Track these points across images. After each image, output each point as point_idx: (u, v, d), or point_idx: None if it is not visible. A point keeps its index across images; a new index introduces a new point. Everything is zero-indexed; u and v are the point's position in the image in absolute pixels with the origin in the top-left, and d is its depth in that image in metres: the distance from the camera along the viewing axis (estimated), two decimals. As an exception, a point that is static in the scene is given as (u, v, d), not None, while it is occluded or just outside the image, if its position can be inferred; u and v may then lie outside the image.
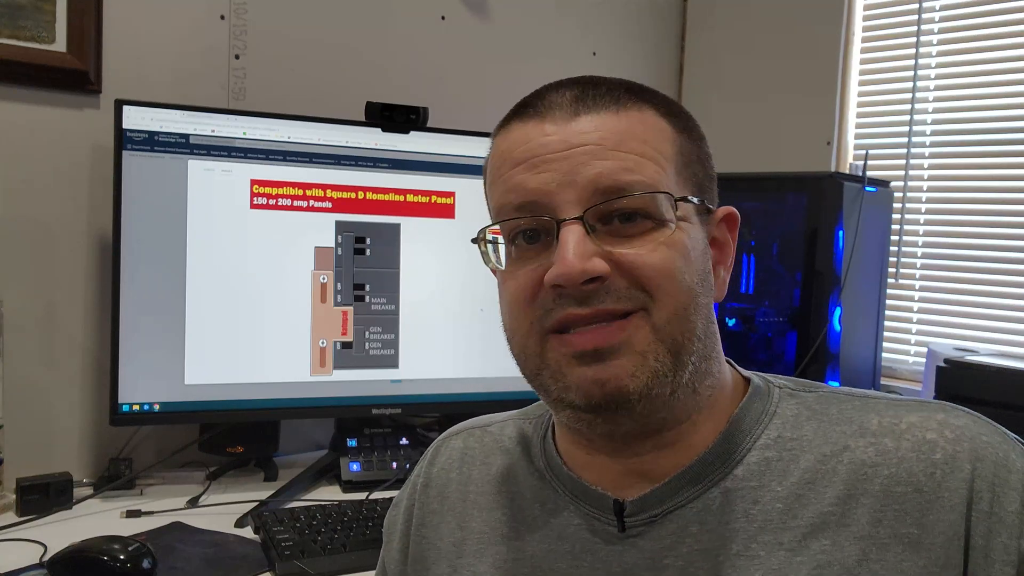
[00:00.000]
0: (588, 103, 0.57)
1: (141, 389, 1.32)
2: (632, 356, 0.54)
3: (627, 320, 0.54)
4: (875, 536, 0.53)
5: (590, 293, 0.54)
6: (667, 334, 0.55)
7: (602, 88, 0.58)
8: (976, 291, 1.67)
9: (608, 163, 0.55)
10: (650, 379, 0.54)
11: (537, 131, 0.57)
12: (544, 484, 0.65)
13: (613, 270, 0.54)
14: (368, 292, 1.47)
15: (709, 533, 0.57)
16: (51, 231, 1.38)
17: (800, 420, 0.60)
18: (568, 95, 0.58)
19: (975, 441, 0.54)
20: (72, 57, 1.35)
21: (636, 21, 2.07)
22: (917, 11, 1.74)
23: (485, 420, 0.75)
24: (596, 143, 0.55)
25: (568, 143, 0.55)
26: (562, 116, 0.57)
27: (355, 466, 1.43)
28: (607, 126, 0.56)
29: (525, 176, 0.56)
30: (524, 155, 0.57)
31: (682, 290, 0.55)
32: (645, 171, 0.55)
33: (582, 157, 0.55)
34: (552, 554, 0.62)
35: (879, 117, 1.83)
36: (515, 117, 0.60)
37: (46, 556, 1.08)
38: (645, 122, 0.57)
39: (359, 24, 1.66)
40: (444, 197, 1.51)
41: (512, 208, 0.57)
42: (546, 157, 0.56)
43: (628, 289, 0.54)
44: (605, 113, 0.56)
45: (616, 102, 0.57)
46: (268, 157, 1.40)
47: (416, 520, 0.71)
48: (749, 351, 1.61)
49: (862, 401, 0.60)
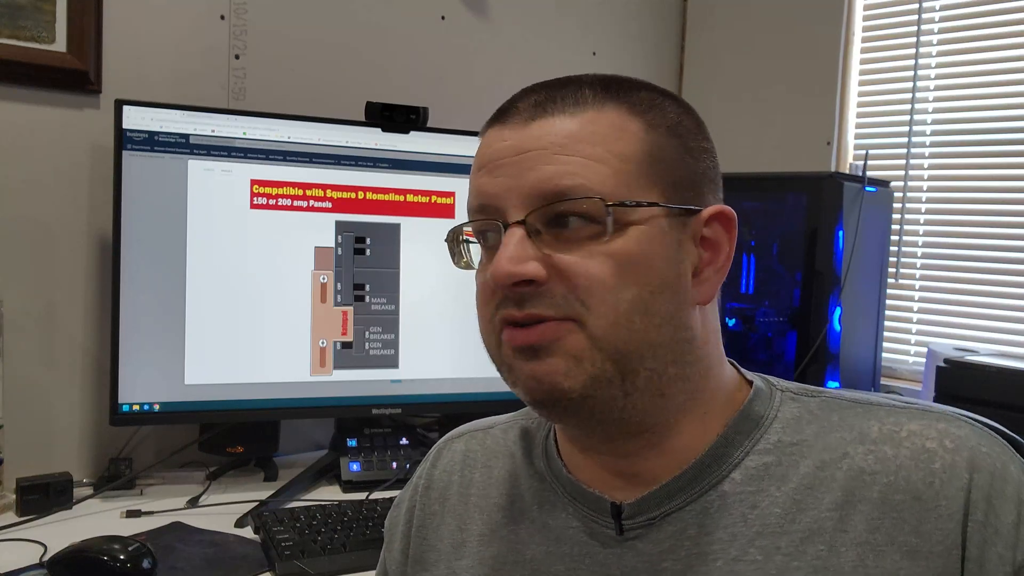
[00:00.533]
0: (547, 107, 0.57)
1: (141, 389, 1.32)
2: (565, 358, 0.54)
3: (560, 324, 0.54)
4: (872, 543, 0.53)
5: (525, 296, 0.55)
6: (607, 343, 0.54)
7: (569, 88, 0.58)
8: (976, 291, 1.67)
9: (552, 167, 0.55)
10: (588, 382, 0.54)
11: (497, 136, 0.59)
12: (544, 486, 0.65)
13: (552, 275, 0.54)
14: (368, 292, 1.46)
15: (707, 536, 0.56)
16: (51, 231, 1.38)
17: (801, 425, 0.59)
18: (532, 99, 0.58)
19: (974, 451, 0.54)
20: (72, 57, 1.35)
21: (636, 21, 2.07)
22: (917, 11, 1.74)
23: (488, 422, 0.75)
24: (543, 148, 0.56)
25: (519, 148, 0.57)
26: (520, 121, 0.58)
27: (355, 466, 1.43)
28: (557, 129, 0.56)
29: (483, 180, 0.59)
30: (484, 159, 0.59)
31: (624, 301, 0.54)
32: (589, 174, 0.55)
33: (528, 162, 0.56)
34: (550, 556, 0.62)
35: (879, 117, 1.83)
36: (490, 121, 0.62)
37: (46, 556, 1.08)
38: (601, 122, 0.56)
39: (359, 24, 1.66)
40: (444, 197, 1.51)
41: (473, 210, 0.61)
42: (500, 162, 0.58)
43: (564, 297, 0.54)
44: (560, 116, 0.57)
45: (576, 104, 0.57)
46: (268, 157, 1.40)
47: (417, 521, 0.71)
48: (749, 351, 1.61)
49: (864, 408, 0.59)
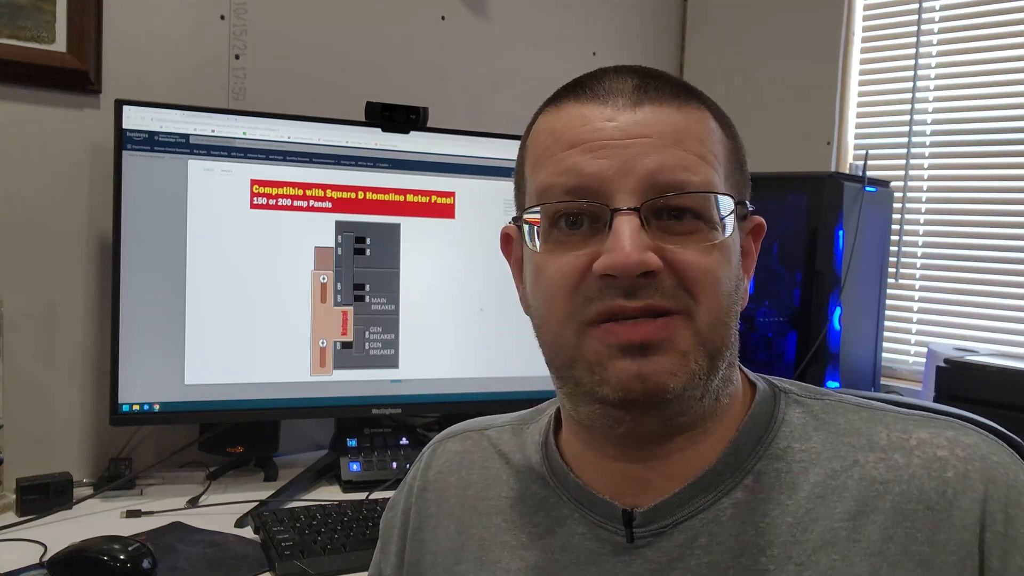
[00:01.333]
0: (651, 94, 0.56)
1: (141, 389, 1.32)
2: (675, 355, 0.53)
3: (671, 319, 0.53)
4: (886, 552, 0.53)
5: (641, 286, 0.53)
6: (708, 338, 0.54)
7: (663, 81, 0.57)
8: (976, 291, 1.67)
9: (668, 158, 0.54)
10: (688, 379, 0.54)
11: (596, 114, 0.55)
12: (548, 492, 0.64)
13: (665, 266, 0.53)
14: (368, 292, 1.46)
15: (719, 545, 0.56)
16: (51, 231, 1.38)
17: (808, 430, 0.59)
18: (630, 82, 0.56)
19: (986, 461, 0.54)
20: (72, 57, 1.35)
21: (636, 21, 2.07)
22: (917, 11, 1.74)
23: (482, 423, 0.73)
24: (657, 136, 0.54)
25: (628, 132, 0.54)
26: (624, 103, 0.55)
27: (355, 466, 1.43)
28: (669, 120, 0.55)
29: (580, 159, 0.54)
30: (580, 137, 0.55)
31: (724, 296, 0.55)
32: (702, 171, 0.55)
33: (642, 147, 0.54)
34: (556, 564, 0.60)
35: (879, 117, 1.83)
36: (569, 96, 0.58)
37: (46, 556, 1.08)
38: (702, 122, 0.57)
39: (359, 24, 1.66)
40: (444, 197, 1.51)
41: (562, 190, 0.55)
42: (605, 143, 0.54)
43: (675, 289, 0.53)
44: (667, 107, 0.55)
45: (677, 97, 0.56)
46: (268, 157, 1.40)
47: (413, 523, 0.70)
48: (749, 351, 1.61)
49: (869, 412, 0.59)
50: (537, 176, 0.58)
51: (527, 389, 1.54)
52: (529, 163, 0.60)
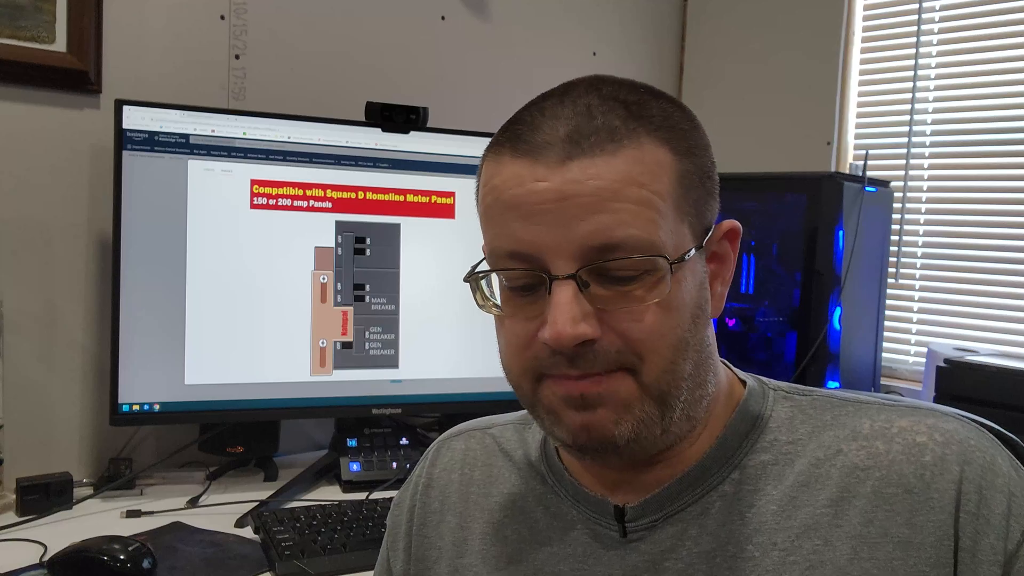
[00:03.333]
0: (582, 144, 0.53)
1: (141, 389, 1.32)
2: (616, 407, 0.55)
3: (611, 376, 0.54)
4: (866, 535, 0.54)
5: (580, 354, 0.54)
6: (654, 388, 0.55)
7: (598, 120, 0.54)
8: (976, 291, 1.67)
9: (602, 217, 0.52)
10: (635, 426, 0.55)
11: (529, 174, 0.54)
12: (547, 488, 0.66)
13: (605, 331, 0.53)
14: (368, 292, 1.46)
15: (708, 536, 0.58)
16: (51, 231, 1.38)
17: (795, 424, 0.60)
18: (561, 131, 0.54)
19: (963, 444, 0.55)
20: (72, 57, 1.35)
21: (636, 21, 2.07)
22: (917, 11, 1.74)
23: (486, 422, 0.75)
24: (590, 194, 0.52)
25: (561, 193, 0.53)
26: (555, 159, 0.53)
27: (355, 466, 1.43)
28: (601, 173, 0.52)
29: (517, 225, 0.54)
30: (515, 200, 0.54)
31: (670, 346, 0.55)
32: (640, 223, 0.53)
33: (574, 210, 0.52)
34: (555, 558, 0.63)
35: (879, 117, 1.83)
36: (507, 147, 0.56)
37: (46, 556, 1.08)
38: (642, 161, 0.53)
39: (359, 24, 1.66)
40: (444, 197, 1.51)
41: (505, 255, 0.56)
42: (537, 208, 0.53)
43: (618, 353, 0.54)
44: (600, 156, 0.53)
45: (612, 138, 0.53)
46: (268, 157, 1.40)
47: (418, 519, 0.72)
48: (749, 351, 1.61)
49: (855, 406, 0.61)
50: (486, 234, 0.59)
51: (527, 389, 1.54)
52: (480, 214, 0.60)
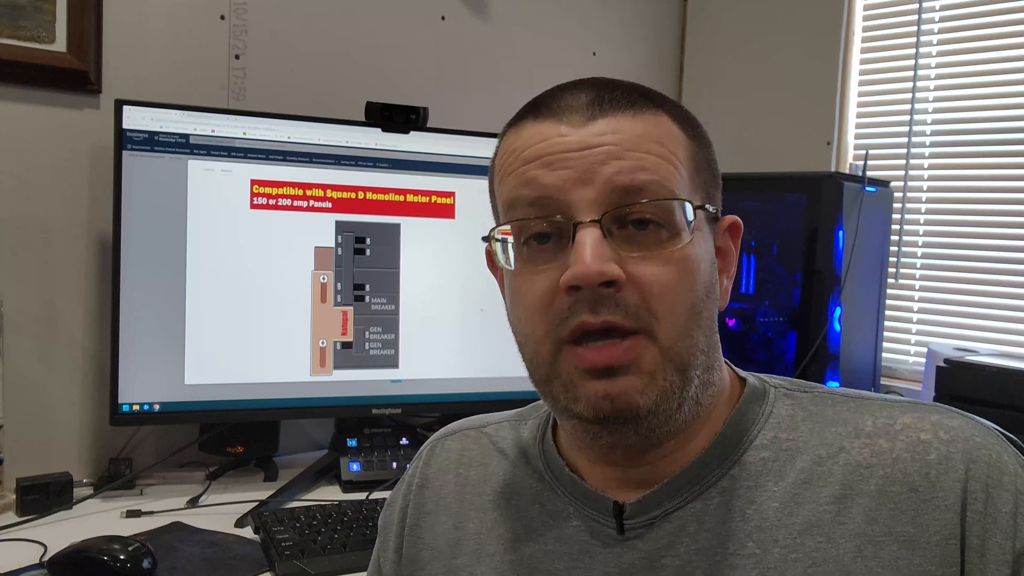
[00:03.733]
0: (604, 106, 0.56)
1: (141, 389, 1.32)
2: (641, 375, 0.54)
3: (635, 340, 0.54)
4: (870, 534, 0.54)
5: (603, 299, 0.53)
6: (674, 353, 0.55)
7: (617, 91, 0.57)
8: (976, 291, 1.67)
9: (625, 162, 0.54)
10: (659, 396, 0.55)
11: (553, 130, 0.56)
12: (543, 486, 0.65)
13: (626, 280, 0.54)
14: (368, 292, 1.47)
15: (707, 533, 0.57)
16: (51, 231, 1.38)
17: (796, 421, 0.60)
18: (584, 98, 0.57)
19: (969, 443, 0.55)
20: (72, 57, 1.35)
21: (636, 21, 2.07)
22: (917, 11, 1.74)
23: (480, 421, 0.75)
24: (613, 143, 0.55)
25: (585, 143, 0.55)
26: (578, 119, 0.56)
27: (355, 466, 1.43)
28: (623, 127, 0.56)
29: (540, 172, 0.56)
30: (539, 152, 0.56)
31: (686, 309, 0.55)
32: (661, 172, 0.55)
33: (599, 156, 0.55)
34: (550, 555, 0.62)
35: (879, 117, 1.83)
36: (528, 116, 0.59)
37: (46, 556, 1.08)
38: (660, 126, 0.57)
39: (359, 24, 1.66)
40: (444, 197, 1.51)
41: (525, 203, 0.57)
42: (563, 155, 0.55)
43: (637, 306, 0.54)
44: (621, 116, 0.56)
45: (631, 105, 0.57)
46: (268, 157, 1.40)
47: (411, 520, 0.71)
48: (749, 351, 1.61)
49: (857, 402, 0.61)
50: (503, 192, 0.59)
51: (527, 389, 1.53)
52: (495, 182, 0.62)
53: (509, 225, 0.58)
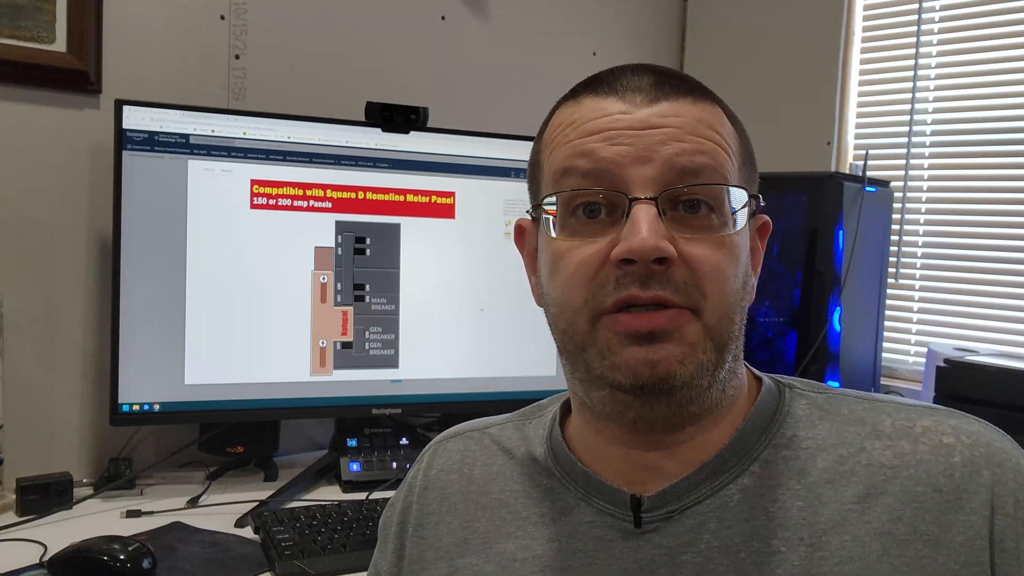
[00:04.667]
0: (667, 89, 0.57)
1: (141, 389, 1.32)
2: (683, 345, 0.55)
3: (680, 312, 0.55)
4: (895, 533, 0.54)
5: (654, 275, 0.54)
6: (716, 332, 0.56)
7: (679, 79, 0.59)
8: (976, 291, 1.67)
9: (686, 144, 0.56)
10: (696, 368, 0.55)
11: (615, 107, 0.57)
12: (553, 482, 0.65)
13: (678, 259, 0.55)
14: (368, 292, 1.47)
15: (728, 530, 0.57)
16: (51, 231, 1.38)
17: (813, 419, 0.61)
18: (647, 80, 0.58)
19: (991, 447, 0.56)
20: (72, 57, 1.35)
21: (636, 21, 2.07)
22: (917, 11, 1.74)
23: (483, 423, 0.74)
24: (675, 126, 0.56)
25: (647, 123, 0.56)
26: (642, 99, 0.57)
27: (355, 466, 1.43)
28: (684, 111, 0.57)
29: (599, 145, 0.56)
30: (600, 126, 0.56)
31: (732, 292, 0.57)
32: (718, 158, 0.57)
33: (660, 136, 0.55)
34: (563, 552, 0.61)
35: (879, 117, 1.83)
36: (588, 90, 0.59)
37: (46, 556, 1.08)
38: (717, 116, 0.59)
39: (359, 24, 1.66)
40: (444, 197, 1.51)
41: (579, 174, 0.57)
42: (623, 132, 0.56)
43: (685, 284, 0.55)
44: (682, 100, 0.57)
45: (692, 93, 0.58)
46: (268, 157, 1.40)
47: (413, 522, 0.71)
48: (749, 351, 1.60)
49: (870, 403, 0.61)
50: (554, 161, 0.59)
51: (527, 389, 1.54)
52: (545, 152, 0.61)
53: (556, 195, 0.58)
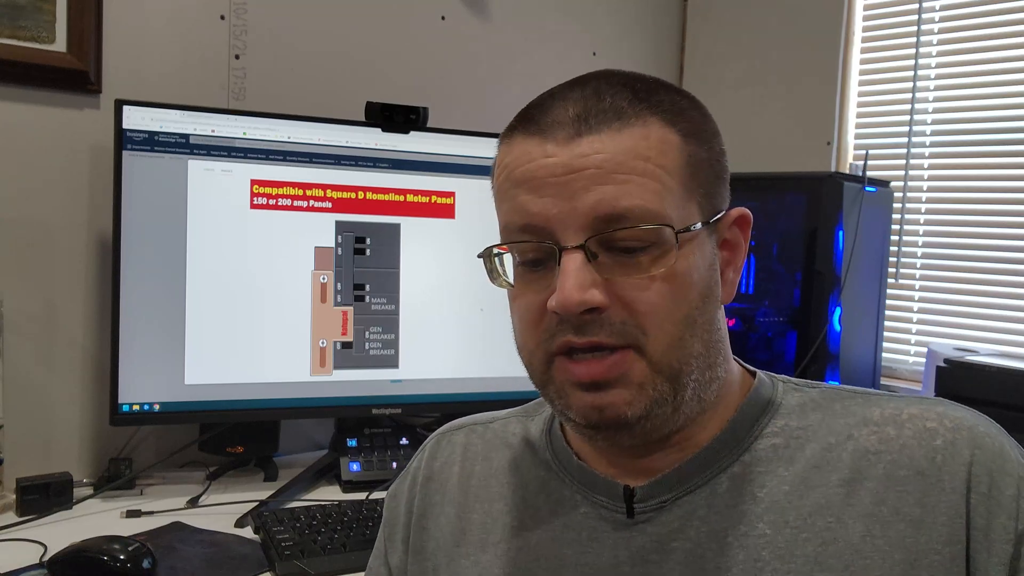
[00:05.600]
0: (590, 122, 0.56)
1: (141, 389, 1.32)
2: (629, 387, 0.56)
3: (623, 354, 0.55)
4: (878, 514, 0.56)
5: (587, 322, 0.55)
6: (664, 365, 0.56)
7: (606, 101, 0.56)
8: (976, 291, 1.67)
9: (608, 187, 0.54)
10: (648, 406, 0.56)
11: (539, 151, 0.56)
12: (550, 475, 0.66)
13: (612, 301, 0.55)
14: (368, 292, 1.46)
15: (717, 515, 0.58)
16: (51, 231, 1.38)
17: (805, 411, 0.62)
18: (571, 111, 0.56)
19: (973, 431, 0.57)
20: (72, 57, 1.35)
21: (636, 21, 2.07)
22: (917, 11, 1.74)
23: (487, 417, 0.76)
24: (596, 166, 0.54)
25: (569, 167, 0.55)
26: (564, 136, 0.56)
27: (355, 466, 1.43)
28: (608, 147, 0.55)
29: (527, 199, 0.57)
30: (525, 175, 0.57)
31: (677, 322, 0.56)
32: (646, 195, 0.54)
33: (582, 182, 0.54)
34: (558, 542, 0.63)
35: (879, 117, 1.83)
36: (519, 128, 0.59)
37: (46, 556, 1.08)
38: (649, 137, 0.56)
39: (359, 24, 1.66)
40: (444, 197, 1.51)
41: (516, 229, 0.58)
42: (546, 181, 0.56)
43: (623, 324, 0.55)
44: (607, 132, 0.55)
45: (619, 117, 0.56)
46: (268, 157, 1.40)
47: (417, 512, 0.72)
48: (749, 351, 1.61)
49: (864, 397, 0.62)
50: (499, 213, 0.61)
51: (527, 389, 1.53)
52: (495, 197, 0.62)
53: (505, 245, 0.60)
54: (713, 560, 0.57)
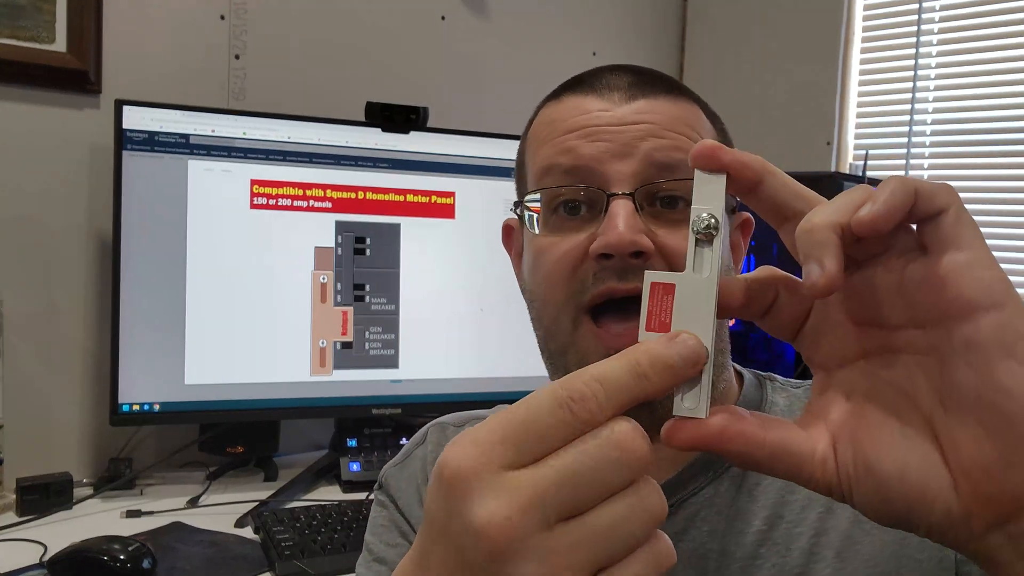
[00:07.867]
0: (644, 88, 0.59)
1: (141, 389, 1.32)
2: None
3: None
4: None
5: (632, 268, 0.54)
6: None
7: (657, 78, 0.60)
8: (976, 291, 1.66)
9: (663, 140, 0.56)
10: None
11: (595, 104, 0.58)
12: None
13: (656, 251, 0.55)
14: (368, 292, 1.46)
15: (717, 516, 0.59)
16: (51, 231, 1.38)
17: (793, 410, 0.64)
18: (625, 79, 0.59)
19: None
20: (72, 57, 1.35)
21: (636, 21, 2.07)
22: (917, 11, 1.74)
23: (485, 413, 0.74)
24: (653, 122, 0.57)
25: (625, 119, 0.57)
26: (620, 97, 0.58)
27: (355, 466, 1.43)
28: (662, 109, 0.58)
29: (579, 143, 0.57)
30: (580, 124, 0.58)
31: None
32: None
33: (637, 132, 0.57)
34: None
35: (879, 117, 1.83)
36: (569, 90, 0.61)
37: (46, 556, 1.08)
38: (695, 113, 0.60)
39: (359, 24, 1.66)
40: (444, 197, 1.51)
41: (561, 171, 0.58)
42: (603, 128, 0.57)
43: None
44: (661, 98, 0.58)
45: (670, 91, 0.59)
46: (268, 157, 1.40)
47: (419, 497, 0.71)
48: (749, 351, 1.61)
49: None
50: (537, 159, 0.60)
51: (527, 389, 1.53)
52: (530, 151, 0.62)
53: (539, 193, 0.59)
54: (715, 559, 0.58)
